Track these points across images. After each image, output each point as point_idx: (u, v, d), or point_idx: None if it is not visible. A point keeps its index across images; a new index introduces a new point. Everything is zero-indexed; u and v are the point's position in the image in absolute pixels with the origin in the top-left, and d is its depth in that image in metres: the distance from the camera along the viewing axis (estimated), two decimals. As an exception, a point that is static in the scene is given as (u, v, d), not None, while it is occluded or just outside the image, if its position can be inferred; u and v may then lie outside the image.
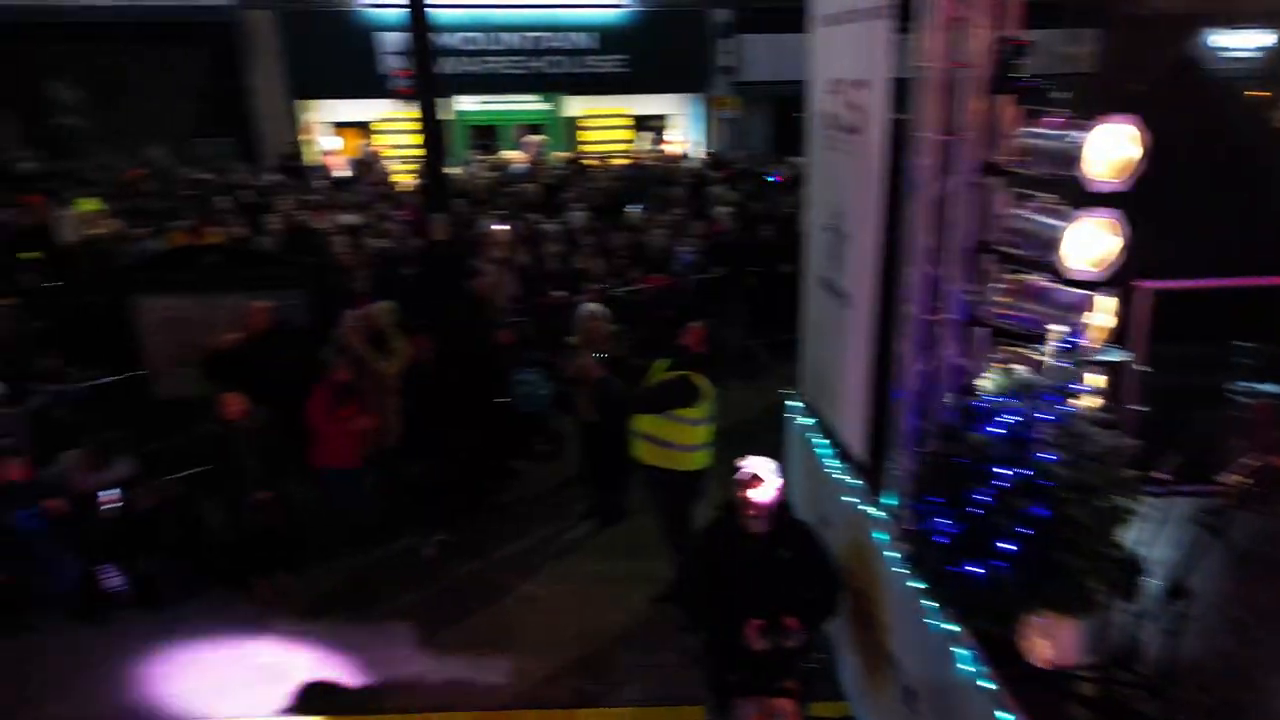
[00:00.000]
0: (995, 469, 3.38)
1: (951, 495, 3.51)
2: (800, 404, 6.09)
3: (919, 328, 4.01)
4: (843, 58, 4.87)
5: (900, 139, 4.12)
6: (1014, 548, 3.31)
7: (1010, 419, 3.42)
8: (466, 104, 16.62)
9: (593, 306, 7.22)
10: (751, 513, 4.07)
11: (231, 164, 13.98)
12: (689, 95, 17.63)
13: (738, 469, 4.14)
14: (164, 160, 14.20)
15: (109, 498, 6.06)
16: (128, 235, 9.75)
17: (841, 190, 4.99)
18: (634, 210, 11.58)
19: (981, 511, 3.39)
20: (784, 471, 4.30)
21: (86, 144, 14.94)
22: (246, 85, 15.78)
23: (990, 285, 3.84)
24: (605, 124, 17.57)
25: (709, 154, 16.55)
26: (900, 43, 4.12)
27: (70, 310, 8.22)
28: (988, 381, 3.63)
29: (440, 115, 7.92)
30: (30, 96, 15.00)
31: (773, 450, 6.07)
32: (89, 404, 7.10)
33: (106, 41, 14.96)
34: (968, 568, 3.42)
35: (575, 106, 17.41)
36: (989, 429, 3.47)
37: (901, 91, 4.11)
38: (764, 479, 4.06)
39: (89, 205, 10.58)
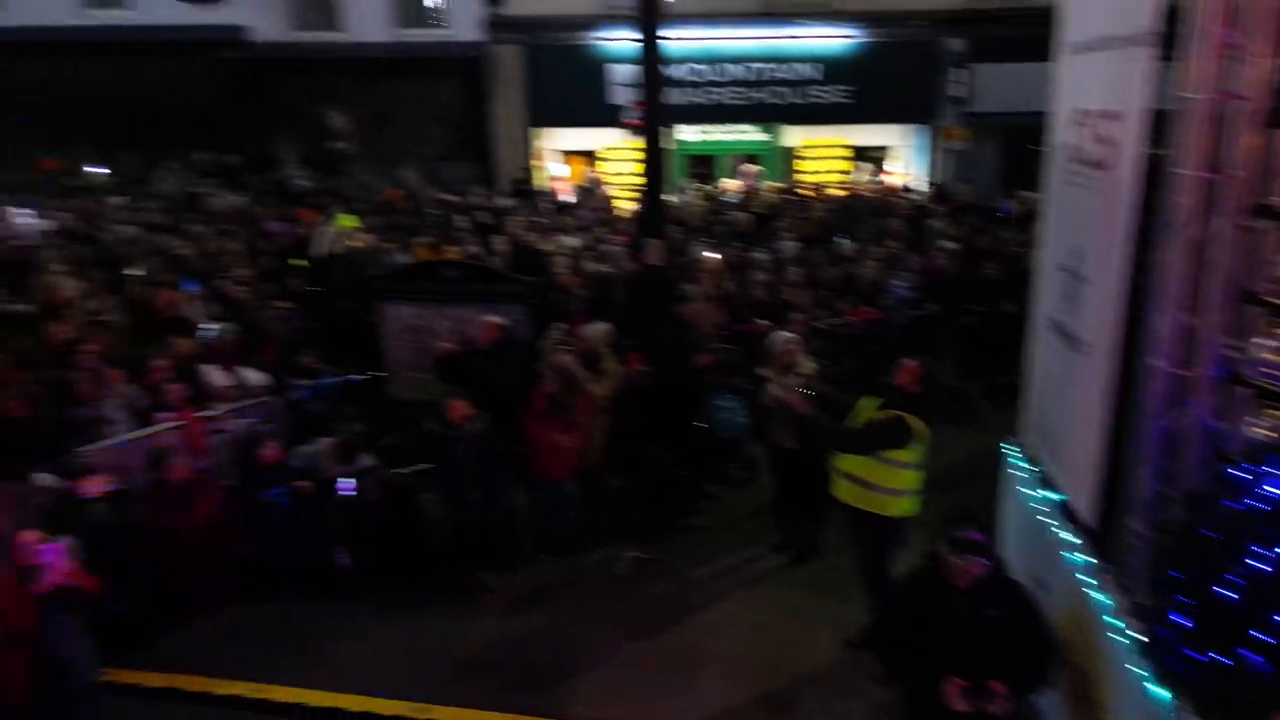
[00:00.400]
0: (1253, 548, 3.00)
1: (1196, 572, 3.16)
2: (1020, 454, 5.70)
3: (1166, 381, 3.65)
4: (1092, 87, 4.57)
5: (1155, 176, 3.79)
6: (1272, 640, 2.92)
7: (1276, 493, 3.03)
8: (686, 134, 17.04)
9: (786, 334, 7.16)
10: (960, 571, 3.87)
11: (471, 187, 15.15)
12: (913, 126, 17.08)
13: (951, 527, 3.96)
14: (415, 182, 15.68)
15: (346, 485, 6.69)
16: (380, 249, 10.79)
17: (1082, 228, 4.66)
18: (844, 241, 11.35)
19: (1234, 595, 3.01)
20: (997, 525, 4.05)
21: (353, 165, 16.79)
22: (490, 114, 17.08)
23: (1256, 340, 3.43)
24: (823, 154, 17.37)
25: (932, 186, 15.93)
26: (1161, 72, 3.80)
27: (327, 315, 9.25)
28: (1250, 448, 3.24)
29: (662, 145, 8.16)
30: (310, 122, 17.09)
31: (985, 501, 5.75)
32: (338, 399, 7.91)
33: (375, 74, 16.82)
34: (1213, 656, 3.05)
35: (793, 137, 17.35)
36: (1248, 502, 3.09)
37: (1158, 125, 3.79)
38: (980, 548, 3.85)
39: (347, 221, 11.82)
